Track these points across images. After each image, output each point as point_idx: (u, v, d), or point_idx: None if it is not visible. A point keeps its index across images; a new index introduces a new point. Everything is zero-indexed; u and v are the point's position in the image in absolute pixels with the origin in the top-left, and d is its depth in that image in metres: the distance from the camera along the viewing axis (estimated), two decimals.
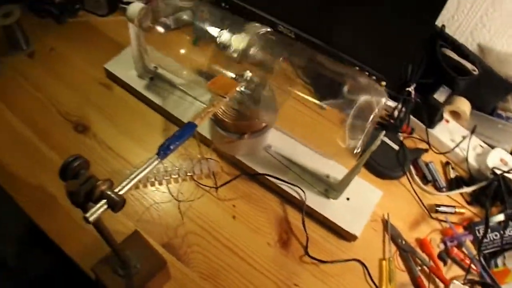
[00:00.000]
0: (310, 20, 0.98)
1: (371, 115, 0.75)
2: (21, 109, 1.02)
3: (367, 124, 0.74)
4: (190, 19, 0.97)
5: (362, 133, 0.75)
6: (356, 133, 0.76)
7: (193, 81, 0.98)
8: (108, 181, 0.59)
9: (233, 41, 0.80)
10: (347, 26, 0.93)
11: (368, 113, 0.76)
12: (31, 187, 0.91)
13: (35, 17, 1.19)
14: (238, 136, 0.88)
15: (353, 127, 0.77)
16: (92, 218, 0.55)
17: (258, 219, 0.90)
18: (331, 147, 0.83)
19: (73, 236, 0.85)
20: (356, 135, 0.76)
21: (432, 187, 1.00)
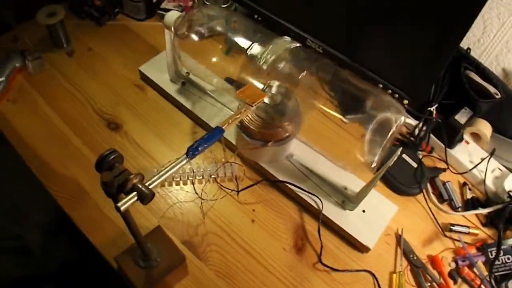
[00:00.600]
0: (337, 36, 1.01)
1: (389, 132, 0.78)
2: (58, 103, 1.08)
3: (385, 141, 0.77)
4: (223, 29, 1.01)
5: (379, 149, 0.78)
6: (374, 148, 0.79)
7: (223, 89, 1.02)
8: (140, 175, 0.63)
9: (263, 54, 0.84)
10: (373, 44, 0.96)
11: (386, 130, 0.79)
12: (63, 178, 0.96)
13: (76, 18, 1.25)
14: (263, 144, 0.92)
15: (372, 143, 0.80)
16: (123, 207, 0.60)
17: (276, 224, 0.94)
18: (350, 160, 0.85)
19: (100, 227, 0.90)
20: (373, 150, 0.79)
21: (448, 206, 1.02)
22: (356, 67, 1.00)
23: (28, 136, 1.02)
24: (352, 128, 0.89)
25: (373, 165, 0.79)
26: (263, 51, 0.86)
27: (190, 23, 0.96)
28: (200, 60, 1.05)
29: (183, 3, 1.24)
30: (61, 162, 0.99)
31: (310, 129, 1.00)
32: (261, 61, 0.85)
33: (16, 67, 1.10)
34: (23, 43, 1.19)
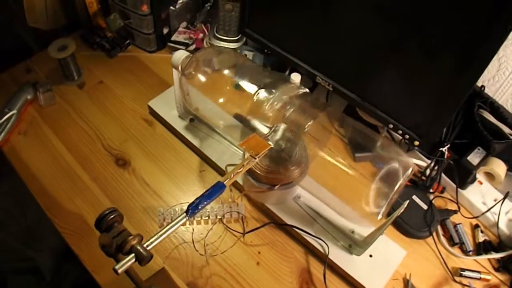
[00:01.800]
0: (348, 74, 0.99)
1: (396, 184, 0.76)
2: (68, 137, 1.09)
3: (391, 194, 0.76)
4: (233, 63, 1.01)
5: (385, 201, 0.77)
6: (380, 200, 0.78)
7: (231, 126, 1.02)
8: (138, 236, 0.63)
9: (269, 101, 0.83)
10: (384, 83, 0.94)
11: (394, 181, 0.77)
12: (70, 213, 0.97)
13: (88, 49, 1.26)
14: (269, 187, 0.91)
15: (378, 193, 0.78)
16: (121, 270, 0.60)
17: (281, 267, 0.93)
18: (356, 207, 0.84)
19: (105, 265, 0.90)
20: (380, 201, 0.78)
21: (459, 250, 0.99)
22: (366, 106, 0.99)
23: (37, 169, 1.03)
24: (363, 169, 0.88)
25: (379, 217, 0.78)
26: (270, 97, 0.85)
27: (197, 63, 0.95)
28: (208, 96, 1.04)
29: (193, 36, 1.24)
30: (68, 197, 0.99)
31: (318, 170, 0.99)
32: (267, 108, 0.85)
33: (28, 99, 1.12)
34: (36, 74, 1.20)
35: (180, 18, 1.27)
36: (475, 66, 0.78)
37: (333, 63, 1.00)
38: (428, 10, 0.78)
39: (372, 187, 0.79)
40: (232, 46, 1.19)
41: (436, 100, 0.88)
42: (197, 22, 1.27)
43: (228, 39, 1.19)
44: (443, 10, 0.76)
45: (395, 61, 0.90)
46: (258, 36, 1.08)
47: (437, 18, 0.78)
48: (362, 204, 0.80)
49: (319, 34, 0.98)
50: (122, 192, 1.00)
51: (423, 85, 0.88)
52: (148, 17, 1.17)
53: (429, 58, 0.84)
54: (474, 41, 0.75)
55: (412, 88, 0.91)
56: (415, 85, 0.90)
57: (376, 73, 0.95)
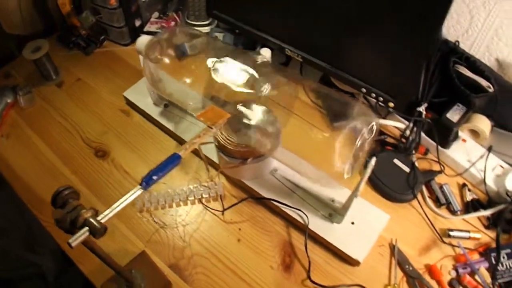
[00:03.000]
0: (315, 43, 0.98)
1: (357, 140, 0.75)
2: (49, 135, 1.10)
3: (353, 150, 0.74)
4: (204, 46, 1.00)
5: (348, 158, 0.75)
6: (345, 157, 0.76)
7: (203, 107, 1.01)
8: (92, 210, 0.63)
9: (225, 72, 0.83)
10: (352, 48, 0.93)
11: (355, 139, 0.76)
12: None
13: (65, 49, 1.28)
14: (241, 162, 0.90)
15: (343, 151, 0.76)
16: (74, 243, 0.60)
17: (262, 242, 0.92)
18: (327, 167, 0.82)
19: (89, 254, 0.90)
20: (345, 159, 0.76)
21: (446, 211, 0.96)
22: (337, 73, 0.98)
23: (20, 169, 1.05)
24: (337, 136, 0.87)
25: (347, 176, 0.76)
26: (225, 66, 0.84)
27: (162, 45, 0.95)
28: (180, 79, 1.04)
29: (166, 25, 1.24)
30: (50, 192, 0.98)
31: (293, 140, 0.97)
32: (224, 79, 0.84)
33: (8, 103, 1.14)
34: (14, 78, 1.22)
35: (151, 9, 1.28)
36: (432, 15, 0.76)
37: (300, 34, 0.99)
38: None
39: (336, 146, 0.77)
40: (203, 30, 1.19)
41: (403, 58, 0.86)
42: (169, 11, 1.28)
43: (200, 24, 1.19)
44: None
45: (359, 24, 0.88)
46: (226, 16, 1.08)
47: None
48: (330, 165, 0.78)
49: (284, 6, 0.97)
50: (103, 182, 1.01)
51: (388, 44, 0.87)
52: (118, 11, 1.18)
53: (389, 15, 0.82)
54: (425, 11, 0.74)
55: (378, 49, 0.89)
56: (380, 45, 0.88)
57: (343, 39, 0.93)
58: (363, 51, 0.92)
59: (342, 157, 0.75)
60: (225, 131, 0.88)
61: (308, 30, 0.97)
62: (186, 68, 0.99)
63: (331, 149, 0.78)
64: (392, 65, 0.89)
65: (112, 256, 0.90)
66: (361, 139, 0.74)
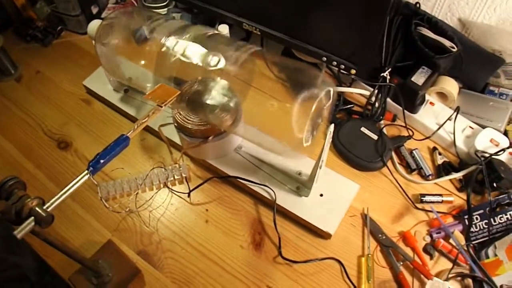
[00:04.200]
0: (272, 15, 0.95)
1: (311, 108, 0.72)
2: (10, 131, 1.07)
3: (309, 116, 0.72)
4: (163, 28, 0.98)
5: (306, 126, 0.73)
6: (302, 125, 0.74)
7: None
8: (38, 198, 0.61)
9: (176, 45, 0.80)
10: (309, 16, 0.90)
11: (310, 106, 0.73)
12: None
13: (22, 42, 1.25)
14: (203, 141, 0.88)
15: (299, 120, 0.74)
16: (20, 235, 0.58)
17: (231, 221, 0.90)
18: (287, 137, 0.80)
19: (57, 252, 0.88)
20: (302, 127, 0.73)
21: (418, 176, 0.94)
22: (296, 43, 0.95)
23: None
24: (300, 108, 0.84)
25: (306, 144, 0.74)
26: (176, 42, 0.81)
27: (114, 29, 0.92)
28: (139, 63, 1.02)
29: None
30: None
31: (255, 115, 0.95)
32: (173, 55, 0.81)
33: None
34: None
35: None
36: None
37: (256, 7, 0.97)
38: None
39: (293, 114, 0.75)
40: (161, 11, 1.16)
41: (359, 22, 0.83)
42: None
43: (157, 6, 1.16)
44: None
45: None
46: None
47: None
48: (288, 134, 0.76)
49: None
50: (67, 174, 0.98)
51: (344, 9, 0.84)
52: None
53: None
54: None
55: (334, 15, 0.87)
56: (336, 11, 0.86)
57: (298, 7, 0.90)
58: (320, 19, 0.89)
59: (298, 125, 0.73)
60: (183, 110, 0.86)
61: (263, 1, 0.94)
62: (144, 51, 0.96)
63: (288, 118, 0.76)
64: (349, 30, 0.87)
65: (80, 248, 0.88)
66: (317, 104, 0.71)
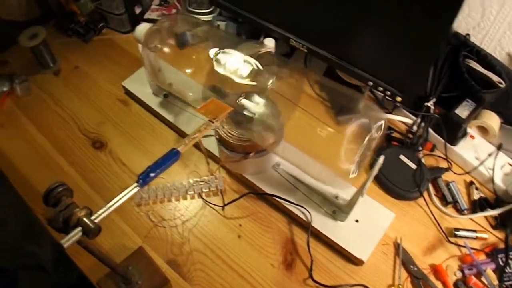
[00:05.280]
0: (321, 34, 0.94)
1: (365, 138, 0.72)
2: (46, 125, 1.07)
3: (361, 148, 0.71)
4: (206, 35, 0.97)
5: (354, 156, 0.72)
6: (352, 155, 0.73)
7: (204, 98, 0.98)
8: (86, 209, 0.60)
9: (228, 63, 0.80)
10: (358, 39, 0.89)
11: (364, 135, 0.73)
12: None
13: (63, 36, 1.25)
14: (243, 156, 0.87)
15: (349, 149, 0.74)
16: (67, 244, 0.57)
17: (264, 239, 0.89)
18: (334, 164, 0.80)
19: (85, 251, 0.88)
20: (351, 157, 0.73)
21: (453, 209, 0.93)
22: (343, 65, 0.94)
23: (16, 159, 1.02)
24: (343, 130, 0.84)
25: (352, 175, 0.73)
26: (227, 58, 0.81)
27: (162, 34, 0.92)
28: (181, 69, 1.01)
29: (167, 12, 1.21)
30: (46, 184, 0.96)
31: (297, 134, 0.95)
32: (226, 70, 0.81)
33: (4, 91, 1.11)
34: (11, 66, 1.19)
35: None
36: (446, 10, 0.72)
37: (306, 24, 0.96)
38: None
39: (343, 143, 0.75)
40: (205, 18, 1.16)
41: (411, 51, 0.82)
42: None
43: (202, 12, 1.15)
44: None
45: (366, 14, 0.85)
46: (229, 4, 1.04)
47: None
48: (336, 162, 0.75)
49: None
50: (100, 174, 0.98)
51: (396, 36, 0.83)
52: None
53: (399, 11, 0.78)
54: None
55: (387, 43, 0.86)
56: (388, 37, 0.85)
57: (350, 31, 0.89)
58: (370, 43, 0.88)
59: (349, 155, 0.72)
60: (226, 124, 0.86)
61: (313, 19, 0.93)
62: (187, 57, 0.96)
63: (338, 146, 0.75)
64: (400, 58, 0.86)
65: (109, 251, 0.88)
66: (370, 136, 0.71)
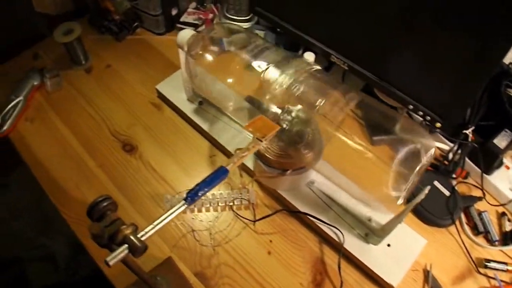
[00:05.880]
0: (364, 52, 0.93)
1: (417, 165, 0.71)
2: (75, 123, 1.06)
3: (411, 177, 0.70)
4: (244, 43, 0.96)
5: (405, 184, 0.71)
6: (400, 183, 0.72)
7: (241, 108, 0.97)
8: (132, 226, 0.59)
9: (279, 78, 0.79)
10: (402, 61, 0.88)
11: (414, 162, 0.72)
12: (76, 201, 0.94)
13: (95, 33, 1.23)
14: (280, 172, 0.87)
15: (398, 177, 0.73)
16: (112, 262, 0.56)
17: (294, 257, 0.88)
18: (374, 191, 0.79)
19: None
20: (399, 185, 0.72)
21: (483, 239, 0.93)
22: (384, 86, 0.93)
23: (43, 156, 1.01)
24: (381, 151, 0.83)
25: (400, 202, 0.72)
26: (279, 75, 0.79)
27: (204, 42, 0.91)
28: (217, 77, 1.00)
29: (203, 16, 1.19)
30: (74, 184, 0.96)
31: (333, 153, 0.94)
32: (276, 86, 0.80)
33: (35, 85, 1.09)
34: (42, 60, 1.17)
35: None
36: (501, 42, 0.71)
37: (348, 41, 0.95)
38: None
39: (391, 170, 0.74)
40: (243, 26, 1.14)
41: (459, 79, 0.81)
42: (207, 2, 1.23)
43: (239, 19, 1.14)
44: None
45: (414, 37, 0.83)
46: (270, 14, 1.03)
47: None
48: (380, 189, 0.75)
49: (332, 9, 0.92)
50: (129, 178, 0.97)
51: (445, 63, 0.82)
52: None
53: (450, 34, 0.77)
54: (499, 15, 0.68)
55: (433, 66, 0.85)
56: (436, 63, 0.83)
57: (394, 51, 0.88)
58: (416, 65, 0.87)
59: (398, 182, 0.71)
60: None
61: (357, 37, 0.92)
62: (224, 65, 0.94)
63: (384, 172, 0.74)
64: (447, 83, 0.84)
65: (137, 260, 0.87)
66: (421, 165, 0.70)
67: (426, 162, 0.72)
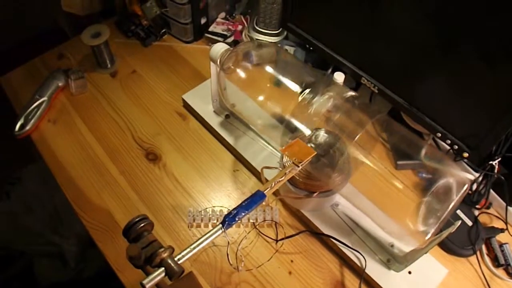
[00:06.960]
0: (395, 76, 0.93)
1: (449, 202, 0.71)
2: (98, 128, 1.05)
3: (444, 214, 0.70)
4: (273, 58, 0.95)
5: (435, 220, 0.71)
6: (430, 217, 0.72)
7: (269, 125, 0.97)
8: (170, 249, 0.59)
9: (316, 103, 0.78)
10: (434, 88, 0.88)
11: (446, 197, 0.71)
12: (97, 208, 0.94)
13: (122, 36, 1.22)
14: (307, 194, 0.86)
15: (428, 210, 0.73)
16: (149, 285, 0.56)
17: (314, 278, 0.88)
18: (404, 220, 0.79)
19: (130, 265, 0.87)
20: (429, 219, 0.72)
21: (504, 272, 0.93)
22: (413, 111, 0.93)
23: (64, 159, 1.00)
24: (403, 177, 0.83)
25: (427, 237, 0.72)
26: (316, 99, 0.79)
27: (237, 57, 0.90)
28: (247, 92, 0.99)
29: (232, 27, 1.19)
30: (95, 190, 0.96)
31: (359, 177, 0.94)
32: (312, 110, 0.79)
33: (59, 86, 1.09)
34: (68, 61, 1.16)
35: (218, 9, 1.22)
36: None
37: (380, 64, 0.94)
38: (487, 11, 0.71)
39: (422, 202, 0.73)
40: (272, 40, 1.14)
41: (493, 110, 0.81)
42: (236, 13, 1.22)
43: (269, 33, 1.13)
44: (504, 11, 0.69)
45: (448, 65, 0.83)
46: (301, 31, 1.02)
47: (497, 20, 0.71)
48: (408, 220, 0.74)
49: (367, 32, 0.92)
50: (151, 188, 0.97)
51: (479, 93, 0.81)
52: (186, 6, 1.12)
53: (487, 64, 0.77)
54: None
55: (466, 95, 0.84)
56: (469, 92, 0.83)
57: (426, 77, 0.88)
58: (448, 94, 0.87)
59: (427, 217, 0.71)
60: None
61: (391, 61, 0.92)
62: (256, 82, 0.94)
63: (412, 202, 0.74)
64: (478, 114, 0.84)
65: None
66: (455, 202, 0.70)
67: (458, 199, 0.71)
